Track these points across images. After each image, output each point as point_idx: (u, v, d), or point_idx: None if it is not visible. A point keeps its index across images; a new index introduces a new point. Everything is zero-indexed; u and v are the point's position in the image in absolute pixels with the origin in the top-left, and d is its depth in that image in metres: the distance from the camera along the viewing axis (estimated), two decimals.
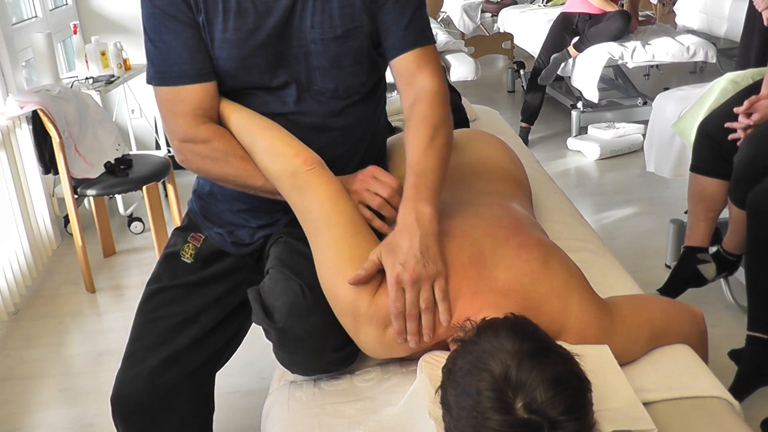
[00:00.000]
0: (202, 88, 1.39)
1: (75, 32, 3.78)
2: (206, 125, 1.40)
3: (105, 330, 2.93)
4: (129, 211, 3.77)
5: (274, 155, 1.37)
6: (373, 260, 1.26)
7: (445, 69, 3.17)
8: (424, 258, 1.23)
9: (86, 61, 3.75)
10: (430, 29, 1.46)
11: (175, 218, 3.46)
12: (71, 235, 3.43)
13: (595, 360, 1.16)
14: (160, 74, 1.39)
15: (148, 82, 1.42)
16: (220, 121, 1.43)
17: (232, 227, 1.57)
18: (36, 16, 4.01)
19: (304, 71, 1.41)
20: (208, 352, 1.55)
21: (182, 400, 1.52)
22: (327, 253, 1.30)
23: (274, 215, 1.53)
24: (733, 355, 2.23)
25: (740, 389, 2.04)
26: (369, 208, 1.38)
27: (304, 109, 1.43)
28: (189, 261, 1.58)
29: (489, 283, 1.26)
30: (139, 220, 3.72)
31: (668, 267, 2.98)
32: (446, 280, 1.26)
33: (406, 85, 1.43)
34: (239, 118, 1.41)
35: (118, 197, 3.76)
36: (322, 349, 1.34)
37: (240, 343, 1.65)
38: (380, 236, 1.33)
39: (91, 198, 3.33)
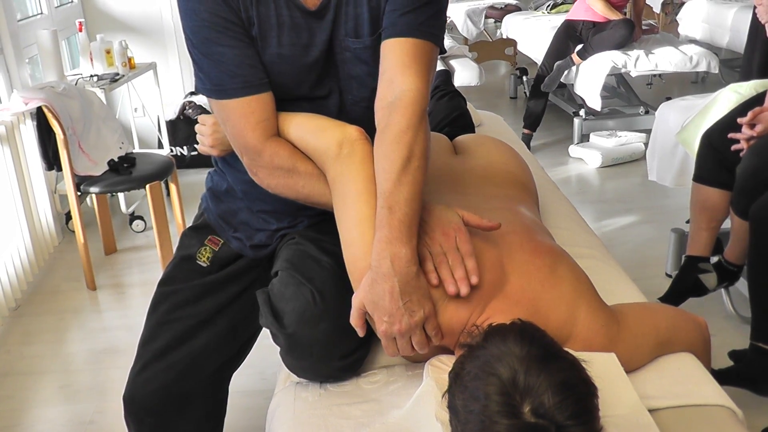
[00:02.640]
0: (269, 97, 1.34)
1: (80, 30, 3.78)
2: (272, 138, 1.35)
3: (105, 328, 2.93)
4: (131, 210, 3.77)
5: (322, 130, 1.33)
6: (358, 308, 1.23)
7: (449, 73, 3.17)
8: (409, 308, 1.19)
9: (91, 59, 3.75)
10: (438, 29, 1.34)
11: (177, 217, 3.46)
12: (73, 232, 3.44)
13: (601, 366, 1.17)
14: (219, 87, 1.32)
15: (209, 96, 1.35)
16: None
17: (250, 231, 1.55)
18: (41, 13, 4.02)
19: (344, 79, 1.38)
20: (224, 355, 1.54)
21: (196, 405, 1.51)
22: (353, 231, 1.26)
23: (297, 218, 1.50)
24: (734, 355, 2.24)
25: (723, 378, 2.05)
26: None
27: (344, 119, 1.39)
28: (205, 265, 1.55)
29: (503, 289, 1.27)
30: (141, 218, 3.72)
31: (669, 276, 2.99)
32: (435, 315, 1.23)
33: (387, 82, 1.30)
34: (283, 117, 1.37)
35: (121, 195, 3.77)
36: (330, 356, 1.33)
37: (252, 346, 1.64)
38: None
39: (94, 195, 3.34)
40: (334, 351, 1.32)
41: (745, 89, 2.75)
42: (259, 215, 1.54)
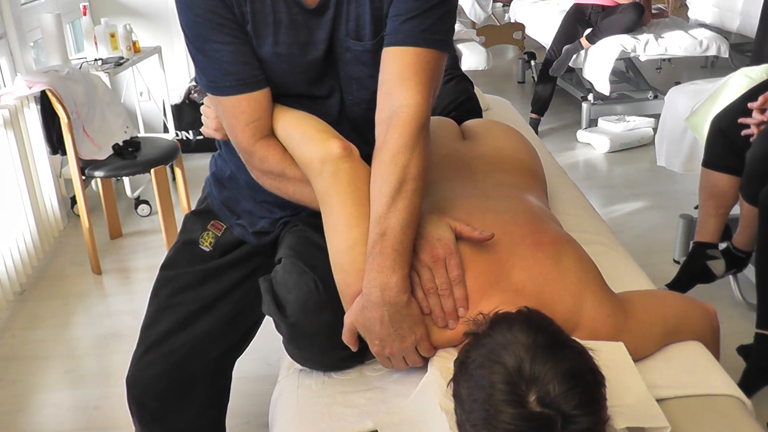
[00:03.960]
0: (262, 95, 1.31)
1: (84, 13, 3.76)
2: (263, 140, 1.32)
3: (111, 312, 2.93)
4: (136, 194, 3.76)
5: (306, 141, 1.30)
6: (350, 329, 1.25)
7: (457, 57, 3.15)
8: (400, 334, 1.21)
9: (95, 43, 3.73)
10: (445, 34, 1.27)
11: (182, 202, 3.45)
12: (78, 216, 3.44)
13: (609, 355, 1.15)
14: (212, 83, 1.30)
15: (205, 90, 1.34)
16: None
17: (253, 218, 1.53)
18: None
19: (344, 79, 1.35)
20: (227, 342, 1.53)
21: (199, 390, 1.50)
22: (344, 257, 1.25)
23: (298, 207, 1.47)
24: (742, 350, 2.23)
25: (748, 386, 2.03)
26: None
27: (345, 119, 1.38)
28: (208, 249, 1.54)
29: (504, 285, 1.25)
30: (146, 202, 3.71)
31: (676, 262, 2.97)
32: (428, 336, 1.25)
33: (385, 94, 1.25)
34: (276, 112, 1.35)
35: (126, 179, 3.76)
36: (333, 346, 1.31)
37: (255, 333, 1.63)
38: None
39: (99, 179, 3.33)
40: (336, 341, 1.30)
41: (756, 73, 2.72)
42: (262, 204, 1.52)
